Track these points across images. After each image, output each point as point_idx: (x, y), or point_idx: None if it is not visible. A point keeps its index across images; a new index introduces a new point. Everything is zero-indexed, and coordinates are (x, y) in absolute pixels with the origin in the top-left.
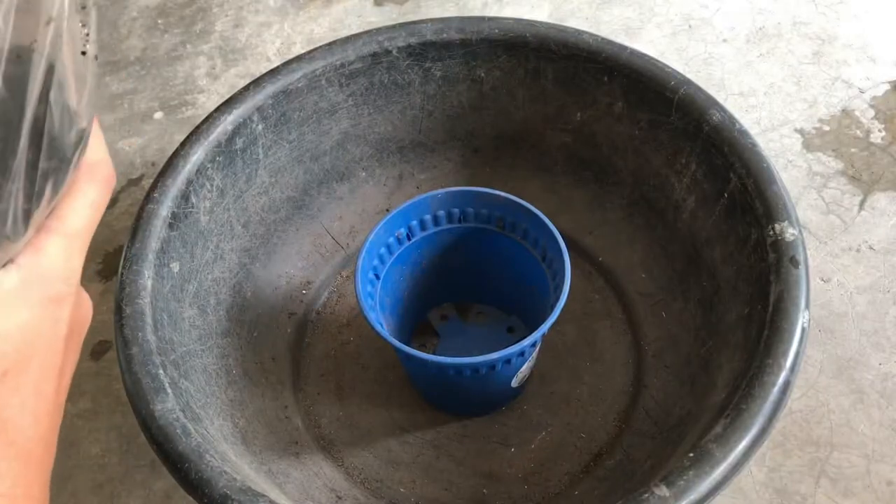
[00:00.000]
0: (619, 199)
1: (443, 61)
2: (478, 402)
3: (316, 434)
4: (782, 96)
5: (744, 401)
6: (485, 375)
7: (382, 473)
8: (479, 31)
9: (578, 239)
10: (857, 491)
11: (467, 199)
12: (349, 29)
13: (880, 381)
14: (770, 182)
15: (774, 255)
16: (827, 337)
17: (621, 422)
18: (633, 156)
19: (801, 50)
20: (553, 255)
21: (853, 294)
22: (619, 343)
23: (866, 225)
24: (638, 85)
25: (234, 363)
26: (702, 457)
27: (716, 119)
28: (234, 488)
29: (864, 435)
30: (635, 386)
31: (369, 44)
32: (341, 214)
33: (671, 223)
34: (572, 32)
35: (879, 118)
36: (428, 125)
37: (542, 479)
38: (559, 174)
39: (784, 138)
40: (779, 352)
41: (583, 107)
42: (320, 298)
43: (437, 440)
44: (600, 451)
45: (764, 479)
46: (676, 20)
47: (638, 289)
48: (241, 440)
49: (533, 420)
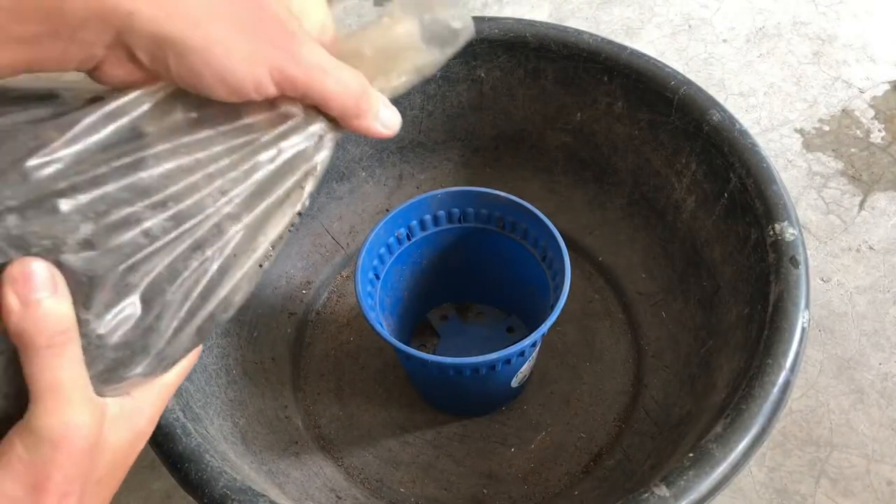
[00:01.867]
0: (619, 199)
1: None
2: (478, 402)
3: (316, 434)
4: (782, 96)
5: (744, 401)
6: (485, 375)
7: (382, 473)
8: (479, 31)
9: (578, 239)
10: (857, 491)
11: (467, 199)
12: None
13: (880, 380)
14: (770, 182)
15: (774, 255)
16: (827, 337)
17: (621, 422)
18: (633, 156)
19: (801, 50)
20: (553, 255)
21: (853, 294)
22: (619, 343)
23: (866, 225)
24: (638, 85)
25: (234, 363)
26: (702, 457)
27: (716, 119)
28: (234, 488)
29: (864, 435)
30: (635, 386)
31: None
32: (341, 214)
33: (671, 223)
34: (572, 32)
35: (879, 118)
36: (428, 125)
37: (542, 479)
38: (559, 174)
39: (784, 138)
40: (779, 352)
41: (583, 107)
42: (320, 298)
43: (436, 440)
44: (600, 451)
45: (764, 479)
46: (676, 20)
47: (638, 289)
48: (241, 440)
49: (533, 420)
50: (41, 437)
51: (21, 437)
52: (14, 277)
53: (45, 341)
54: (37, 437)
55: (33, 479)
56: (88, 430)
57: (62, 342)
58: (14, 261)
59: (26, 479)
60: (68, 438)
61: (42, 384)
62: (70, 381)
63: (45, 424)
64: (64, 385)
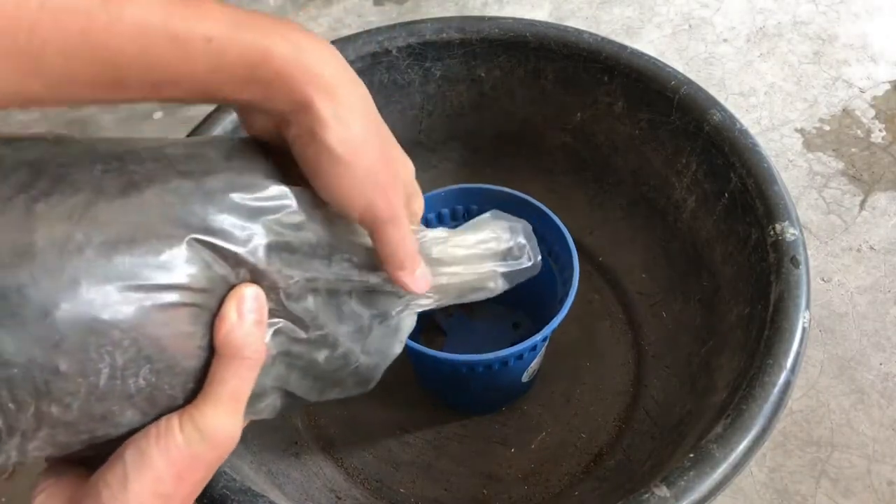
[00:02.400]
0: (620, 199)
1: (443, 61)
2: (488, 399)
3: (316, 434)
4: (783, 96)
5: (744, 401)
6: (497, 372)
7: (382, 473)
8: (479, 31)
9: (578, 239)
10: (857, 491)
11: (472, 197)
12: (349, 28)
13: (881, 381)
14: (771, 182)
15: (775, 255)
16: (827, 337)
17: (621, 422)
18: (634, 156)
19: (801, 50)
20: (559, 250)
21: (854, 294)
22: (620, 343)
23: (867, 225)
24: (638, 85)
25: None
26: (702, 457)
27: (716, 119)
28: (234, 489)
29: (864, 435)
30: (635, 386)
31: (369, 43)
32: None
33: (671, 223)
34: (572, 32)
35: (880, 118)
36: (428, 125)
37: (543, 480)
38: (559, 174)
39: (784, 138)
40: (779, 352)
41: (583, 107)
42: None
43: (437, 440)
44: (600, 452)
45: (764, 479)
46: (677, 20)
47: (638, 289)
48: (241, 440)
49: (533, 420)
50: (206, 436)
51: (184, 428)
52: (241, 295)
53: (248, 353)
54: (201, 434)
55: (181, 469)
56: (237, 440)
57: (257, 360)
58: (246, 285)
59: (177, 467)
60: (223, 447)
61: (227, 389)
62: (244, 395)
63: (213, 425)
64: (242, 397)
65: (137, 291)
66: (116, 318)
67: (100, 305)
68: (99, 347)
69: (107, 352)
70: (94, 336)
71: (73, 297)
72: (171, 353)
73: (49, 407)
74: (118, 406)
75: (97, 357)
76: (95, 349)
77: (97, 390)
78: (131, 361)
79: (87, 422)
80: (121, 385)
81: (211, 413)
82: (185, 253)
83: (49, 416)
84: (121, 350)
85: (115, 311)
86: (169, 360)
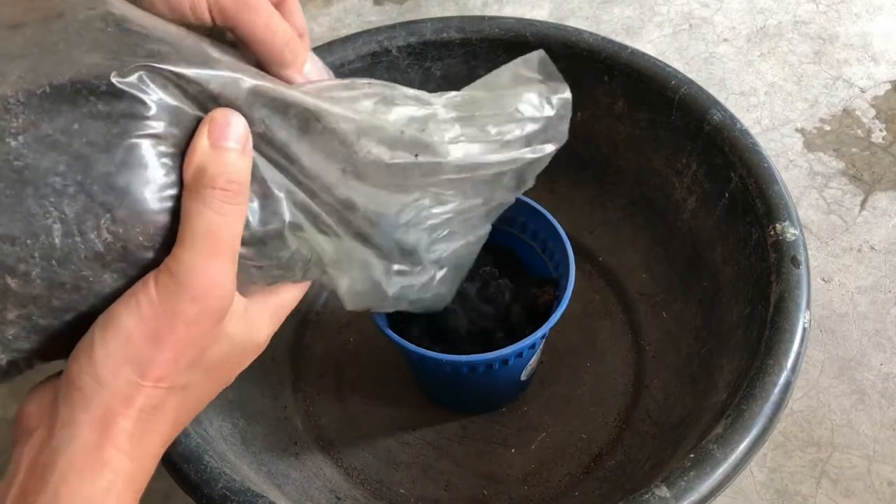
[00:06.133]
0: (620, 199)
1: (443, 61)
2: (487, 398)
3: (315, 434)
4: (783, 96)
5: (744, 401)
6: (497, 370)
7: (382, 474)
8: (479, 31)
9: (578, 239)
10: (858, 491)
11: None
12: (349, 28)
13: (881, 381)
14: (771, 182)
15: (775, 255)
16: (828, 337)
17: (621, 422)
18: (634, 155)
19: (801, 49)
20: (554, 246)
21: (854, 294)
22: (620, 343)
23: (867, 225)
24: (638, 84)
25: None
26: (702, 457)
27: (716, 118)
28: (234, 489)
29: (865, 435)
30: (636, 386)
31: (369, 43)
32: None
33: (672, 223)
34: (572, 32)
35: (880, 118)
36: None
37: (543, 480)
38: (559, 174)
39: (785, 138)
40: (780, 352)
41: (583, 106)
42: (320, 298)
43: (437, 440)
44: (600, 452)
45: (765, 479)
46: (677, 19)
47: (638, 289)
48: (241, 440)
49: (533, 421)
50: (180, 284)
51: (158, 279)
52: (214, 119)
53: (221, 183)
54: (176, 284)
55: (156, 328)
56: (227, 296)
57: (235, 191)
58: (219, 108)
59: (150, 325)
60: (204, 298)
61: (200, 227)
62: (227, 235)
63: (188, 270)
64: (221, 235)
65: (70, 127)
66: (50, 162)
67: (25, 150)
68: (39, 199)
69: (50, 203)
70: (29, 186)
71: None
72: (133, 198)
73: (4, 279)
74: (89, 270)
75: (40, 210)
76: (35, 201)
77: (55, 251)
78: (85, 211)
79: (60, 293)
80: (82, 242)
81: (187, 257)
82: (124, 78)
83: (10, 291)
84: (67, 199)
85: (44, 155)
86: (132, 206)
